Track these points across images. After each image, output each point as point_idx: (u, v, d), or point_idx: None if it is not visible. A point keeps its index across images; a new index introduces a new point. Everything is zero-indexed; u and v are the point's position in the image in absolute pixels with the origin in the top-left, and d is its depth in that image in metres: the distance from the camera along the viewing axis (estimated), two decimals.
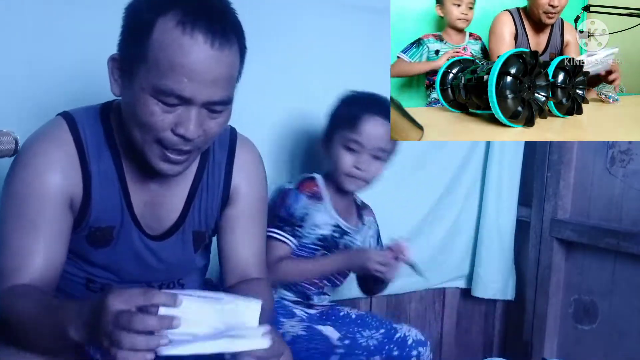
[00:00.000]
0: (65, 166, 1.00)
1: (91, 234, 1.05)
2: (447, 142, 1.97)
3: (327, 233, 1.44)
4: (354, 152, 1.39)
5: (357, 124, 1.38)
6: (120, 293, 0.76)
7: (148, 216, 1.08)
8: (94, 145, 1.03)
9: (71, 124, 1.02)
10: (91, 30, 1.40)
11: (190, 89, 0.89)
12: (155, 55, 0.89)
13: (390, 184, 1.90)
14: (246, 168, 1.15)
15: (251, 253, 1.16)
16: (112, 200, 1.04)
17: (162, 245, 1.10)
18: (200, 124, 0.94)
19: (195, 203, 1.11)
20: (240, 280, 1.14)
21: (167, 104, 0.91)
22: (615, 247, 1.82)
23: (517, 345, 2.20)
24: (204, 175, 1.12)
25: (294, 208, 1.41)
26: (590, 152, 1.96)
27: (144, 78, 0.90)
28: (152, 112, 0.91)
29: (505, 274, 2.14)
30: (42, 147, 1.00)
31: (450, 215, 2.07)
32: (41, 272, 0.98)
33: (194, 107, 0.92)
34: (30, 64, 1.35)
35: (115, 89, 0.97)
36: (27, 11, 1.34)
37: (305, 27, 1.67)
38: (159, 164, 0.98)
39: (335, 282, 1.52)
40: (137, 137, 0.96)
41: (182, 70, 0.88)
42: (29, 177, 0.98)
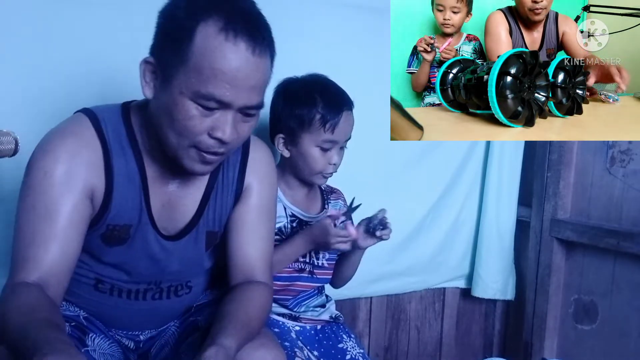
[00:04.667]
0: (87, 158, 1.00)
1: (108, 232, 1.05)
2: (447, 142, 1.97)
3: (281, 225, 1.40)
4: (328, 150, 1.37)
5: (335, 125, 1.33)
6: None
7: (164, 217, 1.09)
8: (117, 143, 1.03)
9: (94, 120, 1.02)
10: (92, 31, 1.40)
11: (230, 95, 0.92)
12: (197, 61, 0.90)
13: (390, 184, 1.90)
14: (259, 168, 1.17)
15: (258, 254, 1.16)
16: (132, 199, 1.05)
17: (175, 245, 1.11)
18: (235, 127, 0.96)
19: (210, 203, 1.13)
20: (244, 281, 1.14)
21: (206, 107, 0.92)
22: (615, 247, 1.82)
23: (517, 345, 2.20)
24: (219, 175, 1.13)
25: None
26: (590, 152, 1.96)
27: (184, 82, 0.91)
28: (191, 116, 0.93)
29: (505, 274, 2.14)
30: (62, 139, 1.00)
31: (450, 215, 2.06)
32: (55, 263, 0.96)
33: (231, 111, 0.94)
34: (30, 64, 1.35)
35: (147, 92, 0.98)
36: (28, 11, 1.34)
37: (305, 27, 1.67)
38: (194, 166, 0.99)
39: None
40: (172, 140, 0.97)
41: (224, 76, 0.90)
42: (48, 166, 0.97)
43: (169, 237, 1.10)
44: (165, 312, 1.20)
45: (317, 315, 1.49)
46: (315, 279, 1.47)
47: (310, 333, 1.47)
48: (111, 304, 1.13)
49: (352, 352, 1.45)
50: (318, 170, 1.37)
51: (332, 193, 1.54)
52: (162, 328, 1.23)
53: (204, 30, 0.90)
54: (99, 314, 1.15)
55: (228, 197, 1.15)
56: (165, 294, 1.16)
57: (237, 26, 0.90)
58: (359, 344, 1.50)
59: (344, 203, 1.54)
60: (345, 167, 1.43)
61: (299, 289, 1.45)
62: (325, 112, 1.32)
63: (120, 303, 1.13)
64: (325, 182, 1.44)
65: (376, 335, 2.06)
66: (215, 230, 1.16)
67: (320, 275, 1.48)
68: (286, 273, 1.42)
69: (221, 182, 1.13)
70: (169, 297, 1.17)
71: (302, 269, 1.44)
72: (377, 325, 2.06)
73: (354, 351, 1.46)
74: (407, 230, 1.97)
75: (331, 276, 1.52)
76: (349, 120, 1.37)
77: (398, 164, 1.90)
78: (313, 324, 1.48)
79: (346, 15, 1.74)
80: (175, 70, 0.92)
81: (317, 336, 1.47)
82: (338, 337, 1.49)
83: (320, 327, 1.49)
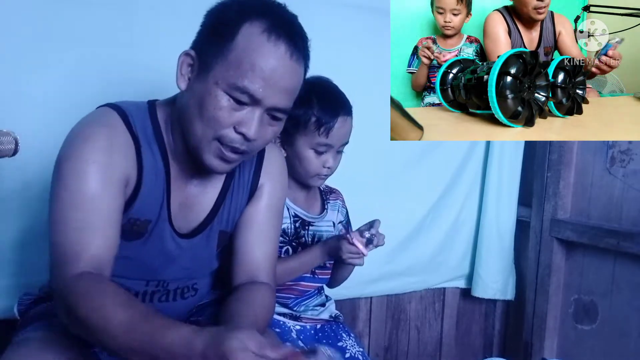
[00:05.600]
0: (123, 150, 1.00)
1: (129, 225, 1.04)
2: (447, 142, 1.97)
3: (285, 226, 1.40)
4: (323, 153, 1.37)
5: (329, 129, 1.32)
6: (246, 347, 0.76)
7: (180, 215, 1.10)
8: (144, 138, 1.04)
9: (121, 114, 1.02)
10: (92, 31, 1.40)
11: (263, 91, 0.95)
12: (238, 55, 0.94)
13: (390, 184, 1.90)
14: (272, 170, 1.18)
15: (264, 255, 1.16)
16: (156, 195, 1.05)
17: (189, 243, 1.12)
18: (261, 126, 0.98)
19: (225, 203, 1.14)
20: (248, 281, 1.14)
21: (237, 100, 0.95)
22: (615, 247, 1.82)
23: (517, 345, 2.20)
24: (236, 175, 1.15)
25: None
26: (590, 152, 1.96)
27: (220, 73, 0.95)
28: (221, 107, 0.95)
29: (505, 274, 2.14)
30: (101, 129, 0.99)
31: (450, 215, 2.07)
32: (104, 250, 0.95)
33: (259, 109, 0.97)
34: (30, 64, 1.35)
35: (181, 84, 1.00)
36: (28, 11, 1.34)
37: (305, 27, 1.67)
38: (212, 160, 1.00)
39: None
40: (197, 131, 0.98)
41: (261, 72, 0.94)
42: (88, 154, 0.96)
43: (183, 235, 1.11)
44: (170, 315, 1.19)
45: (317, 315, 1.50)
46: (318, 279, 1.48)
47: (310, 332, 1.48)
48: None
49: (352, 351, 1.46)
50: (312, 172, 1.37)
51: (331, 193, 1.55)
52: None
53: (249, 29, 0.95)
54: None
55: (242, 197, 1.16)
56: (171, 296, 1.16)
57: (280, 30, 0.95)
58: (359, 343, 1.50)
59: (342, 203, 1.55)
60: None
61: (302, 289, 1.46)
62: (320, 116, 1.32)
63: None
64: (322, 183, 1.44)
65: (376, 335, 2.06)
66: (227, 230, 1.16)
67: (322, 275, 1.49)
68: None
69: (237, 182, 1.15)
70: (175, 299, 1.17)
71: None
72: (377, 325, 2.06)
73: (353, 349, 1.46)
74: (407, 230, 1.97)
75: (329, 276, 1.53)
76: (345, 125, 1.36)
77: (398, 164, 1.90)
78: (313, 323, 1.49)
79: (346, 15, 1.74)
80: (215, 62, 0.95)
81: (316, 335, 1.48)
82: (337, 335, 1.49)
83: (320, 327, 1.50)
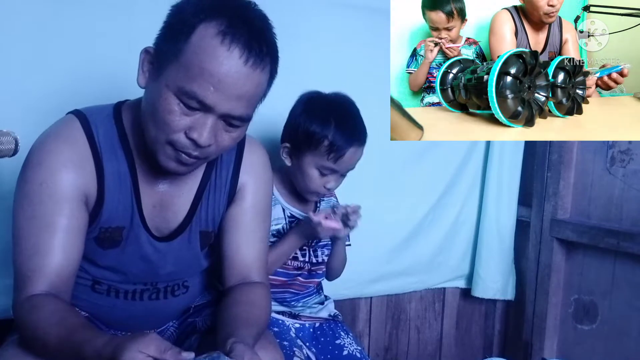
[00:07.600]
0: (79, 164, 1.00)
1: (101, 235, 1.05)
2: (447, 142, 1.97)
3: (280, 227, 1.42)
4: (327, 175, 1.38)
5: (339, 157, 1.33)
6: (140, 348, 0.77)
7: (156, 218, 1.09)
8: (108, 144, 1.03)
9: (84, 123, 1.02)
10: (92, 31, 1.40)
11: (213, 98, 0.90)
12: (189, 57, 0.90)
13: (390, 184, 1.90)
14: (253, 169, 1.16)
15: (253, 255, 1.15)
16: (124, 200, 1.05)
17: (169, 246, 1.11)
18: (214, 133, 0.95)
19: (203, 203, 1.12)
20: (240, 282, 1.14)
21: (187, 106, 0.91)
22: (615, 247, 1.82)
23: (517, 345, 2.20)
24: (212, 175, 1.13)
25: None
26: (590, 152, 1.96)
27: (172, 76, 0.91)
28: (171, 111, 0.92)
29: (505, 274, 2.14)
30: (55, 145, 1.00)
31: (450, 215, 2.06)
32: (59, 271, 0.97)
33: (212, 115, 0.93)
34: (30, 64, 1.35)
35: (141, 80, 0.98)
36: (28, 11, 1.34)
37: (305, 27, 1.67)
38: (168, 162, 0.98)
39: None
40: (151, 133, 0.96)
41: (211, 78, 0.89)
42: (42, 176, 0.98)
43: (161, 238, 1.10)
44: (163, 312, 1.20)
45: (315, 313, 1.50)
46: (314, 274, 1.49)
47: (309, 331, 1.49)
48: (109, 305, 1.13)
49: (350, 348, 1.46)
50: (312, 189, 1.38)
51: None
52: (161, 328, 1.23)
53: (204, 30, 0.90)
54: (98, 315, 1.15)
55: (221, 196, 1.14)
56: (162, 294, 1.16)
57: (236, 33, 0.89)
58: (357, 341, 1.51)
59: (336, 200, 1.56)
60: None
61: (300, 285, 1.47)
62: (334, 141, 1.31)
63: (118, 304, 1.14)
64: (317, 199, 1.47)
65: (376, 335, 2.06)
66: (209, 230, 1.15)
67: (318, 271, 1.50)
68: (287, 271, 1.44)
69: (214, 181, 1.13)
70: (166, 297, 1.17)
71: (301, 267, 1.46)
72: (377, 325, 2.06)
73: (351, 347, 1.47)
74: (407, 230, 1.97)
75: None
76: (356, 155, 1.37)
77: (398, 164, 1.90)
78: (312, 321, 1.50)
79: (346, 15, 1.74)
80: (167, 63, 0.92)
81: (315, 333, 1.49)
82: (336, 334, 1.50)
83: (318, 325, 1.51)
